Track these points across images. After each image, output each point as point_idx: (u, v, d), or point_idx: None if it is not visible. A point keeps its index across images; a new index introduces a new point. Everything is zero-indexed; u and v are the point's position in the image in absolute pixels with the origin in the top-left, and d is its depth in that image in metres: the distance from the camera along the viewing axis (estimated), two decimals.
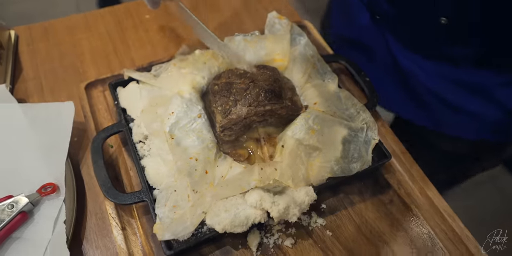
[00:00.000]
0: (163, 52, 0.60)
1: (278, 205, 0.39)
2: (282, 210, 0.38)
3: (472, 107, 0.53)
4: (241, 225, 0.40)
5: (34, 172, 0.47)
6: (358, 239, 0.44)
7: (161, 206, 0.39)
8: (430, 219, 0.45)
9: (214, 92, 0.45)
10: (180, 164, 0.41)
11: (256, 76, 0.45)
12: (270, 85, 0.44)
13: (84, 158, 0.50)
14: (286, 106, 0.44)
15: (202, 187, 0.40)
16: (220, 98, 0.44)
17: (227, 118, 0.43)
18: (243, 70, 0.46)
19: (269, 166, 0.41)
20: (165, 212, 0.39)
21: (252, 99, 0.43)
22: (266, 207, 0.39)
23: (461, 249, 0.43)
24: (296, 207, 0.39)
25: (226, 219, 0.40)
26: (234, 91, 0.44)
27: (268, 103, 0.43)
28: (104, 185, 0.43)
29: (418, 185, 0.47)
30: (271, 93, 0.43)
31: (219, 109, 0.44)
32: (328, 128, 0.44)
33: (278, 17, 0.55)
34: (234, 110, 0.43)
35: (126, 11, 0.65)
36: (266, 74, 0.45)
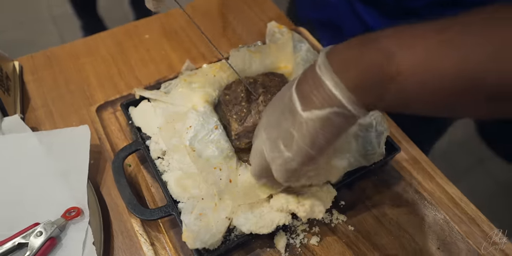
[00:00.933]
0: (167, 69, 0.62)
1: (304, 205, 0.40)
2: (309, 209, 0.40)
3: None
4: (266, 227, 0.41)
5: (57, 197, 0.47)
6: (379, 231, 0.46)
7: (187, 213, 0.41)
8: (443, 205, 0.48)
9: (226, 102, 0.47)
10: (206, 175, 0.42)
11: (266, 83, 0.47)
12: (280, 89, 0.46)
13: (103, 179, 0.51)
14: None
15: (228, 195, 0.42)
16: (233, 106, 0.46)
17: (243, 126, 0.45)
18: (253, 78, 0.48)
19: None
20: (191, 219, 0.40)
21: (264, 105, 0.45)
22: (292, 209, 0.41)
23: (475, 230, 0.46)
24: (320, 205, 0.41)
25: (251, 220, 0.41)
26: (246, 98, 0.46)
27: None
28: (130, 203, 0.44)
29: (428, 173, 0.50)
30: None
31: (234, 117, 0.46)
32: None
33: (277, 26, 0.57)
34: (249, 117, 0.45)
35: (125, 33, 0.67)
36: (275, 80, 0.47)
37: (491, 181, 1.35)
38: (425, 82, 0.26)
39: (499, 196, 1.31)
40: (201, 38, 0.67)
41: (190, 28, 0.68)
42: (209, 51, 0.65)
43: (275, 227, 0.41)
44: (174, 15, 0.70)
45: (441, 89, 0.26)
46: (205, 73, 0.52)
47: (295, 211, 0.41)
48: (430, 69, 0.26)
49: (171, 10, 0.71)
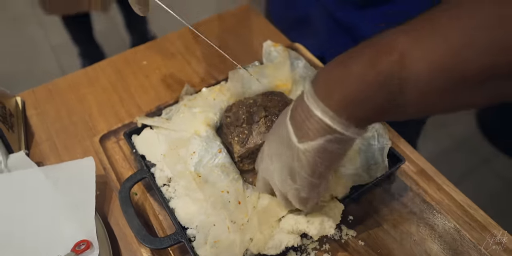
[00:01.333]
0: (166, 94, 0.63)
1: (313, 223, 0.40)
2: (319, 227, 0.40)
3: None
4: (275, 248, 0.42)
5: (66, 231, 0.47)
6: (390, 244, 0.46)
7: (202, 245, 0.41)
8: (453, 213, 0.48)
9: (227, 124, 0.48)
10: (213, 200, 0.43)
11: (265, 103, 0.48)
12: (280, 110, 0.46)
13: (110, 210, 0.51)
14: None
15: (239, 218, 0.42)
16: (235, 129, 0.47)
17: (245, 147, 0.45)
18: (252, 99, 0.49)
19: None
20: (208, 249, 0.40)
21: (266, 126, 0.45)
22: (303, 229, 0.41)
23: (487, 237, 0.46)
24: (329, 220, 0.41)
25: (260, 241, 0.41)
26: (247, 120, 0.46)
27: None
28: (139, 233, 0.44)
29: (434, 181, 0.50)
30: None
31: (236, 139, 0.46)
32: None
33: (273, 45, 0.58)
34: (251, 138, 0.45)
35: (124, 60, 0.68)
36: (275, 99, 0.48)
37: (496, 180, 1.34)
38: (433, 79, 0.25)
39: (505, 194, 1.30)
40: (198, 61, 0.68)
41: (186, 51, 0.69)
42: (207, 74, 0.66)
43: (284, 248, 0.41)
44: (170, 39, 0.72)
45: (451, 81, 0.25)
46: (205, 97, 0.53)
47: (306, 230, 0.41)
48: (434, 64, 0.25)
49: (167, 35, 0.73)
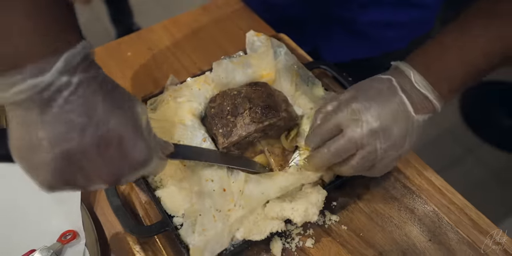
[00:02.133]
0: (152, 85, 0.62)
1: (298, 210, 0.41)
2: (303, 214, 0.41)
3: (396, 16, 0.65)
4: (260, 233, 0.43)
5: (52, 222, 0.48)
6: (372, 228, 0.47)
7: (189, 234, 0.41)
8: (432, 197, 0.49)
9: (212, 116, 0.48)
10: (198, 189, 0.43)
11: (250, 95, 0.48)
12: (264, 101, 0.47)
13: (96, 201, 0.51)
14: (283, 117, 0.47)
15: (224, 205, 0.42)
16: (219, 121, 0.47)
17: (229, 141, 0.46)
18: (236, 90, 0.49)
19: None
20: (196, 238, 0.41)
21: (250, 118, 0.46)
22: (287, 216, 0.42)
23: (463, 218, 0.47)
24: (313, 207, 0.42)
25: (246, 228, 0.42)
26: (231, 112, 0.47)
27: (266, 119, 0.46)
28: (125, 222, 0.44)
29: (415, 167, 0.51)
30: (267, 109, 0.46)
31: (220, 131, 0.47)
32: None
33: (255, 34, 0.58)
34: (235, 131, 0.46)
35: (108, 52, 0.67)
36: (259, 90, 0.48)
37: (479, 168, 1.37)
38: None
39: (489, 183, 1.34)
40: (183, 52, 0.68)
41: (171, 43, 0.69)
42: (192, 64, 0.66)
43: (268, 234, 0.42)
44: (155, 31, 0.71)
45: None
46: (190, 87, 0.53)
47: (290, 217, 0.42)
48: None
49: (152, 26, 0.72)
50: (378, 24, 0.66)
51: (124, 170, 0.31)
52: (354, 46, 0.71)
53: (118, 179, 0.31)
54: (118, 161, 0.29)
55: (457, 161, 1.39)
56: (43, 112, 0.26)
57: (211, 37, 0.69)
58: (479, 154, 1.41)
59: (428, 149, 1.40)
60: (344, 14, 0.66)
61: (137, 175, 0.33)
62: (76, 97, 0.26)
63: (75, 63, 0.26)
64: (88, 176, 0.29)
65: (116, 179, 0.31)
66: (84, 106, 0.27)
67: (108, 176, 0.30)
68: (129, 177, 0.32)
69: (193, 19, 0.72)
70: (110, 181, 0.30)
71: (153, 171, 0.35)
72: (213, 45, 0.68)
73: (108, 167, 0.29)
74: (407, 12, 0.65)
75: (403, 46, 0.69)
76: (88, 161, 0.28)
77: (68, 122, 0.26)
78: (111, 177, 0.30)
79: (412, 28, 0.68)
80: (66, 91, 0.26)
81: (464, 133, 1.47)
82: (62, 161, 0.27)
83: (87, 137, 0.27)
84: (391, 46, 0.69)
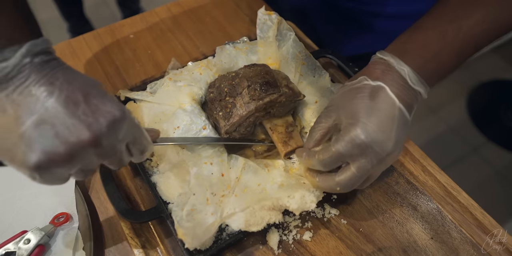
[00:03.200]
0: (153, 69, 0.61)
1: (294, 197, 0.40)
2: (299, 201, 0.40)
3: (408, 8, 0.62)
4: (257, 224, 0.41)
5: (45, 204, 0.47)
6: (372, 223, 0.46)
7: (179, 210, 0.40)
8: (436, 194, 0.48)
9: (211, 100, 0.46)
10: (197, 170, 0.42)
11: (247, 74, 0.46)
12: (262, 77, 0.45)
13: (91, 183, 0.50)
14: (284, 93, 0.45)
15: (220, 189, 0.41)
16: (218, 104, 0.45)
17: (230, 122, 0.44)
18: (234, 72, 0.47)
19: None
20: (183, 216, 0.40)
21: (249, 96, 0.44)
22: (283, 204, 0.40)
23: (468, 218, 0.46)
24: (310, 195, 0.41)
25: (242, 218, 0.41)
26: (229, 93, 0.45)
27: (266, 95, 0.44)
28: (119, 207, 0.43)
29: (419, 163, 0.50)
30: (266, 85, 0.44)
31: (220, 114, 0.45)
32: None
33: (267, 13, 0.56)
34: (235, 111, 0.44)
35: (110, 33, 0.66)
36: (257, 69, 0.46)
37: (484, 167, 1.35)
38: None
39: (493, 182, 1.32)
40: (187, 36, 0.66)
41: (175, 26, 0.67)
42: (195, 48, 0.64)
43: (265, 225, 0.41)
44: (159, 14, 0.69)
45: None
46: (191, 71, 0.51)
47: (286, 205, 0.40)
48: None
49: (156, 9, 0.70)
50: (382, 16, 0.63)
51: (101, 126, 0.29)
52: (358, 39, 0.68)
53: (99, 139, 0.29)
54: (91, 116, 0.29)
55: (462, 159, 1.37)
56: (8, 93, 0.27)
57: (215, 22, 0.67)
58: (484, 152, 1.39)
59: (433, 146, 1.38)
60: (348, 5, 0.63)
61: (119, 140, 0.31)
62: (36, 72, 0.28)
63: (37, 50, 0.29)
64: (66, 139, 0.28)
65: (96, 138, 0.29)
66: (45, 77, 0.28)
67: (86, 136, 0.28)
68: (110, 138, 0.30)
69: (198, 3, 0.70)
70: (90, 140, 0.28)
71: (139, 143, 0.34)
72: (217, 29, 0.66)
73: (84, 124, 0.28)
74: (411, 4, 0.62)
75: None
76: (62, 125, 0.28)
77: (34, 94, 0.27)
78: (91, 136, 0.28)
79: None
80: (28, 69, 0.28)
81: (470, 131, 1.44)
82: (35, 130, 0.27)
83: (54, 102, 0.28)
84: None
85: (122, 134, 0.31)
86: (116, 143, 0.31)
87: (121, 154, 0.33)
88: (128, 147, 0.34)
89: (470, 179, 1.30)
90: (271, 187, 0.42)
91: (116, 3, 1.65)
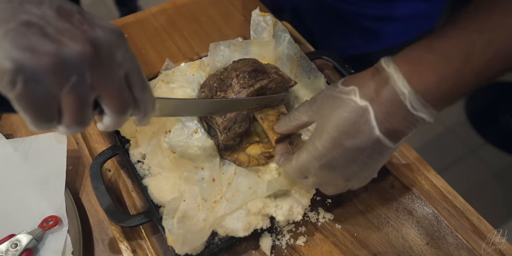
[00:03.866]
0: (146, 69, 0.60)
1: (282, 208, 0.39)
2: (286, 212, 0.39)
3: (400, 10, 0.60)
4: (244, 230, 0.40)
5: (34, 207, 0.46)
6: (367, 228, 0.45)
7: (169, 218, 0.39)
8: (432, 199, 0.47)
9: (203, 99, 0.46)
10: (187, 175, 0.41)
11: (234, 66, 0.45)
12: (251, 66, 0.44)
13: (82, 186, 0.50)
14: (274, 79, 0.44)
15: (211, 195, 0.40)
16: None
17: (227, 117, 0.43)
18: (223, 68, 0.46)
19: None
20: (174, 224, 0.39)
21: (239, 85, 0.43)
22: (270, 213, 0.40)
23: (464, 223, 0.45)
24: (298, 206, 0.40)
25: (229, 223, 0.40)
26: (219, 88, 0.44)
27: (256, 81, 0.43)
28: (108, 210, 0.42)
29: (415, 167, 0.49)
30: (255, 72, 0.43)
31: None
32: None
33: (262, 14, 0.55)
34: None
35: None
36: (244, 61, 0.45)
37: (482, 170, 1.35)
38: None
39: (490, 184, 1.32)
40: (182, 36, 0.65)
41: (170, 26, 0.66)
42: (189, 49, 0.63)
43: (252, 230, 0.40)
44: (153, 13, 0.68)
45: None
46: (183, 73, 0.50)
47: (273, 215, 0.39)
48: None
49: (150, 8, 0.69)
50: (377, 18, 0.62)
51: (98, 35, 0.25)
52: (352, 40, 0.67)
53: (95, 47, 0.25)
54: (87, 25, 0.25)
55: (459, 161, 1.36)
56: None
57: (211, 22, 0.66)
58: (482, 154, 1.38)
59: (431, 147, 1.37)
60: (342, 7, 0.62)
61: (117, 62, 0.27)
62: None
63: None
64: (56, 39, 0.24)
65: (92, 45, 0.25)
66: None
67: (81, 40, 0.24)
68: (107, 53, 0.26)
69: (194, 3, 0.69)
70: (85, 48, 0.24)
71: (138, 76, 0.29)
72: (213, 29, 0.65)
73: (79, 30, 0.25)
74: (408, 6, 0.60)
75: (403, 41, 0.65)
76: (54, 28, 0.24)
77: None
78: (85, 41, 0.24)
79: (414, 23, 0.64)
80: None
81: (468, 132, 1.43)
82: (22, 29, 0.23)
83: (45, 7, 0.25)
84: (391, 41, 0.66)
85: (120, 56, 0.27)
86: (113, 64, 0.27)
87: (120, 83, 0.27)
88: (128, 79, 0.28)
89: (467, 181, 1.29)
90: (262, 190, 0.41)
91: (113, 2, 1.64)
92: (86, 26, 0.25)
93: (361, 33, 0.65)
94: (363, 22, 0.63)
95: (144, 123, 0.33)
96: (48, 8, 0.25)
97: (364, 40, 0.66)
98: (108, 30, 0.26)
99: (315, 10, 0.66)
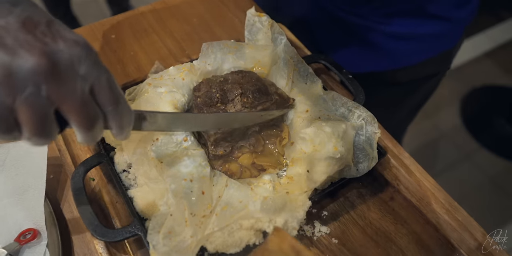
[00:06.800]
0: (135, 71, 0.57)
1: (275, 223, 0.37)
2: (280, 227, 0.37)
3: (418, 28, 0.57)
4: (235, 246, 0.38)
5: (10, 219, 0.43)
6: (365, 243, 0.43)
7: (155, 233, 0.37)
8: (433, 212, 0.45)
9: (199, 105, 0.43)
10: (175, 187, 0.38)
11: (238, 80, 0.44)
12: (254, 85, 0.43)
13: (64, 196, 0.46)
14: (275, 100, 0.44)
15: (200, 209, 0.38)
16: (208, 109, 0.42)
17: (221, 131, 0.41)
18: (222, 77, 0.45)
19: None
20: (159, 240, 0.36)
21: (241, 103, 0.42)
22: (263, 228, 0.37)
23: (468, 238, 0.43)
24: (294, 220, 0.38)
25: (219, 239, 0.38)
26: (221, 99, 0.42)
27: (259, 103, 0.43)
28: (91, 224, 0.40)
29: (416, 178, 0.47)
30: (259, 92, 0.43)
31: None
32: None
33: (257, 14, 0.52)
34: None
35: (90, 33, 0.62)
36: (247, 76, 0.44)
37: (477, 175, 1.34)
38: None
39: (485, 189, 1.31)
40: (172, 38, 0.62)
41: (160, 27, 0.63)
42: (181, 51, 0.60)
43: (244, 246, 0.38)
44: (143, 13, 0.65)
45: None
46: (172, 76, 0.47)
47: (266, 230, 0.37)
48: None
49: (140, 7, 0.66)
50: (391, 34, 0.57)
51: (58, 48, 0.25)
52: (363, 56, 0.63)
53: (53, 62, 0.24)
54: (50, 37, 0.25)
55: (454, 165, 1.36)
56: None
57: (202, 22, 0.64)
58: (477, 158, 1.38)
59: (425, 151, 1.36)
60: (355, 21, 0.58)
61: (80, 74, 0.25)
62: None
63: None
64: (12, 51, 0.23)
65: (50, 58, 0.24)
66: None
67: (38, 53, 0.24)
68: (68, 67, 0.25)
69: (185, 3, 0.66)
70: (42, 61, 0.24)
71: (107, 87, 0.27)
72: (205, 31, 0.63)
73: (39, 42, 0.24)
74: (427, 23, 0.56)
75: (418, 62, 0.60)
76: (13, 38, 0.24)
77: None
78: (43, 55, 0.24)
79: (432, 42, 0.59)
80: None
81: (462, 137, 1.43)
82: None
83: (12, 17, 0.25)
84: (405, 61, 0.61)
85: (84, 69, 0.26)
86: (75, 78, 0.25)
87: (83, 97, 0.26)
88: (94, 93, 0.27)
89: (462, 185, 1.29)
90: (254, 204, 0.39)
91: (105, 1, 1.60)
92: (49, 38, 0.25)
93: (373, 50, 0.61)
94: (376, 38, 0.59)
95: (121, 137, 0.31)
96: (15, 18, 0.25)
97: (375, 57, 0.61)
98: (72, 43, 0.26)
99: (326, 23, 0.62)
